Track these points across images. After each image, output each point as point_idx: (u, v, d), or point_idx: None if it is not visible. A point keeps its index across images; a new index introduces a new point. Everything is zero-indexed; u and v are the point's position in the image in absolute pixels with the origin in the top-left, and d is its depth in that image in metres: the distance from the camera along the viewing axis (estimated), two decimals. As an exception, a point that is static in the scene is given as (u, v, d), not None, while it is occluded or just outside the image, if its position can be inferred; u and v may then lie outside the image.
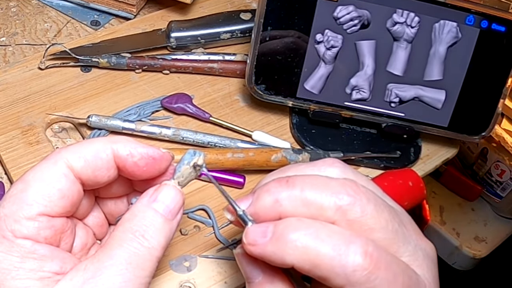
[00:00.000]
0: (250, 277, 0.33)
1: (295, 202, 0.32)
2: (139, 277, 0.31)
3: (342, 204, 0.31)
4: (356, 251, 0.30)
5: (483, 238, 0.76)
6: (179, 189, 0.34)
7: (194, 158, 0.35)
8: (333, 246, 0.30)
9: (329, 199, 0.32)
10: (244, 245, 0.32)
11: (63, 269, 0.31)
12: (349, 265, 0.30)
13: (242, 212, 0.33)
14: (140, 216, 0.32)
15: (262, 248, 0.31)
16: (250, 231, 0.32)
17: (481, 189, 0.73)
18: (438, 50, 0.51)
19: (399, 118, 0.53)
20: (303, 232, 0.31)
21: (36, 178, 0.32)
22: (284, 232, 0.31)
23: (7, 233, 0.31)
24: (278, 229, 0.31)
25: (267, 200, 0.33)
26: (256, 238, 0.32)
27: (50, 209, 0.32)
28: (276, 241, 0.31)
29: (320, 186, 0.32)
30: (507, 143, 0.62)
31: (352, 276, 0.30)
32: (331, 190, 0.32)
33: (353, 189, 0.32)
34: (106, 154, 0.34)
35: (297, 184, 0.32)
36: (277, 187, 0.33)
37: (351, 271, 0.30)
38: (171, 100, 0.54)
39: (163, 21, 0.61)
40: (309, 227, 0.31)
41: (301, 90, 0.52)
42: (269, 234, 0.31)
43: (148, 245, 0.32)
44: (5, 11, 0.62)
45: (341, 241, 0.30)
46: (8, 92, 0.54)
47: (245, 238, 0.32)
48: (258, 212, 0.33)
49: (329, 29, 0.51)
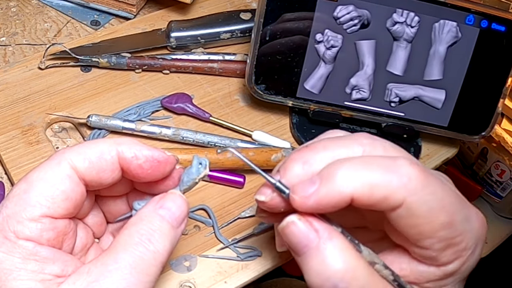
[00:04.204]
0: (306, 244, 0.32)
1: (323, 159, 0.33)
2: (143, 281, 0.31)
3: (365, 148, 0.33)
4: (403, 163, 0.31)
5: (483, 238, 0.76)
6: (185, 199, 0.35)
7: (201, 171, 0.35)
8: (382, 166, 0.31)
9: (353, 147, 0.33)
10: (295, 202, 0.32)
11: (64, 272, 0.31)
12: (404, 175, 0.31)
13: (278, 181, 0.33)
14: (147, 221, 0.32)
15: (316, 194, 0.31)
16: (297, 186, 0.32)
17: (481, 189, 0.73)
18: (438, 50, 0.51)
19: (399, 117, 0.53)
20: (349, 164, 0.31)
21: (39, 178, 0.32)
22: (331, 171, 0.31)
23: (9, 234, 0.30)
24: (324, 172, 0.32)
25: (296, 167, 0.33)
26: (306, 188, 0.31)
27: (53, 211, 0.32)
28: (327, 181, 0.31)
29: (340, 141, 0.34)
30: (507, 143, 0.62)
31: (410, 185, 0.31)
32: (350, 140, 0.34)
33: (367, 134, 0.34)
34: (110, 155, 0.34)
35: (319, 146, 0.34)
36: (300, 154, 0.34)
37: (407, 180, 0.31)
38: (171, 100, 0.54)
39: (163, 21, 0.61)
40: (352, 159, 0.32)
41: (301, 89, 0.52)
42: (317, 180, 0.31)
43: (153, 249, 0.31)
44: (5, 11, 0.62)
45: (386, 161, 0.31)
46: (8, 92, 0.54)
47: (295, 195, 0.32)
48: (291, 181, 0.33)
49: (329, 28, 0.51)
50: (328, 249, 0.31)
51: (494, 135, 0.62)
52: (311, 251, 0.31)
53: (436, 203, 0.31)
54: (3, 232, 0.30)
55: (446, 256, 0.33)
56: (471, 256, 0.34)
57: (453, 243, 0.33)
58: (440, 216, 0.31)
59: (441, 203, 0.31)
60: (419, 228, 0.32)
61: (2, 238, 0.30)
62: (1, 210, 0.31)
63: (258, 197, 0.34)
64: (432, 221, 0.31)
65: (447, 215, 0.32)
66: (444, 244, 0.32)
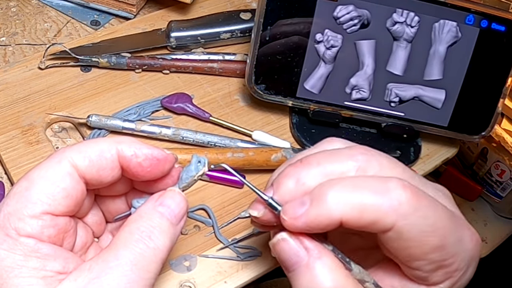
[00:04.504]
0: (295, 261, 0.32)
1: (316, 176, 0.32)
2: (143, 278, 0.31)
3: (360, 164, 0.33)
4: (395, 186, 0.31)
5: (483, 238, 0.75)
6: (184, 196, 0.35)
7: (199, 168, 0.35)
8: (372, 189, 0.31)
9: (347, 163, 0.33)
10: (285, 222, 0.32)
11: (65, 268, 0.31)
12: (394, 199, 0.30)
13: (270, 198, 0.33)
14: (146, 218, 0.33)
15: (305, 216, 0.31)
16: (287, 207, 0.32)
17: (481, 189, 0.73)
18: (438, 50, 0.51)
19: (399, 117, 0.53)
20: (340, 185, 0.31)
21: (40, 176, 0.32)
22: (321, 193, 0.31)
23: (10, 231, 0.31)
24: (314, 193, 0.32)
25: (289, 184, 0.33)
26: (296, 210, 0.32)
27: (54, 208, 0.32)
28: (317, 203, 0.31)
29: (334, 156, 0.33)
30: (507, 143, 0.61)
31: (400, 209, 0.30)
32: (345, 156, 0.33)
33: (363, 149, 0.34)
34: (110, 154, 0.34)
35: (312, 161, 0.33)
36: (294, 169, 0.33)
37: (398, 204, 0.30)
38: (171, 99, 0.54)
39: (163, 21, 0.61)
40: (343, 180, 0.32)
41: (301, 89, 0.52)
42: (307, 201, 0.31)
43: (154, 246, 0.32)
44: (5, 11, 0.62)
45: (377, 183, 0.31)
46: (8, 91, 0.54)
47: (285, 215, 0.32)
48: (283, 198, 0.33)
49: (329, 28, 0.51)
50: (317, 268, 0.31)
51: (494, 135, 0.62)
52: (300, 269, 0.32)
53: (427, 227, 0.31)
54: (4, 230, 0.30)
55: (437, 277, 0.33)
56: (462, 276, 0.34)
57: (444, 264, 0.32)
58: (431, 240, 0.31)
59: (433, 227, 0.31)
60: (409, 250, 0.32)
61: (3, 235, 0.30)
62: (2, 208, 0.31)
63: (251, 212, 0.35)
64: (423, 245, 0.31)
65: (439, 239, 0.31)
66: (435, 266, 0.32)
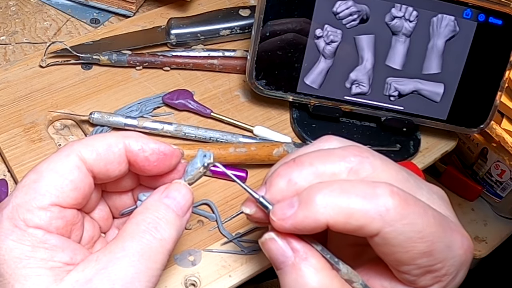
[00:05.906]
0: (282, 261, 0.33)
1: (308, 177, 0.33)
2: (151, 269, 0.31)
3: (352, 165, 0.33)
4: (383, 192, 0.31)
5: (483, 238, 0.75)
6: (189, 188, 0.35)
7: (205, 161, 0.36)
8: (360, 193, 0.31)
9: (339, 164, 0.33)
10: (274, 223, 0.32)
11: (73, 260, 0.31)
12: (381, 205, 0.30)
13: (262, 197, 0.33)
14: (153, 210, 0.33)
15: (293, 218, 0.32)
16: (276, 208, 0.33)
17: (481, 189, 0.73)
18: (436, 44, 0.52)
19: (399, 111, 0.54)
20: (328, 189, 0.31)
21: (49, 169, 0.32)
22: (310, 195, 0.31)
23: (19, 222, 0.31)
24: (303, 195, 0.32)
25: (280, 183, 0.33)
26: (284, 211, 0.32)
27: (62, 200, 0.32)
28: (305, 206, 0.31)
29: (326, 157, 0.33)
30: (507, 143, 0.62)
31: (387, 216, 0.30)
32: (338, 157, 0.33)
33: (357, 150, 0.33)
34: (118, 148, 0.34)
35: (305, 161, 0.33)
36: (286, 169, 0.34)
37: (385, 210, 0.30)
38: (172, 96, 0.54)
39: (162, 18, 0.61)
40: (332, 184, 0.32)
41: (301, 85, 0.53)
42: (296, 203, 0.32)
43: (160, 237, 0.32)
44: (4, 10, 0.62)
45: (366, 187, 0.31)
46: (9, 90, 0.54)
47: (273, 216, 0.32)
48: (275, 197, 0.33)
49: (329, 24, 0.51)
50: (303, 269, 0.32)
51: (494, 135, 0.62)
52: (287, 268, 0.32)
53: (414, 233, 0.31)
54: (13, 221, 0.31)
55: (425, 280, 0.33)
56: (452, 281, 0.34)
57: (433, 269, 0.32)
58: (418, 246, 0.31)
59: (420, 233, 0.31)
60: (395, 255, 0.32)
61: (12, 226, 0.31)
62: (10, 200, 0.32)
63: (244, 209, 0.35)
64: (410, 251, 0.31)
65: (426, 245, 0.31)
66: (423, 271, 0.32)
